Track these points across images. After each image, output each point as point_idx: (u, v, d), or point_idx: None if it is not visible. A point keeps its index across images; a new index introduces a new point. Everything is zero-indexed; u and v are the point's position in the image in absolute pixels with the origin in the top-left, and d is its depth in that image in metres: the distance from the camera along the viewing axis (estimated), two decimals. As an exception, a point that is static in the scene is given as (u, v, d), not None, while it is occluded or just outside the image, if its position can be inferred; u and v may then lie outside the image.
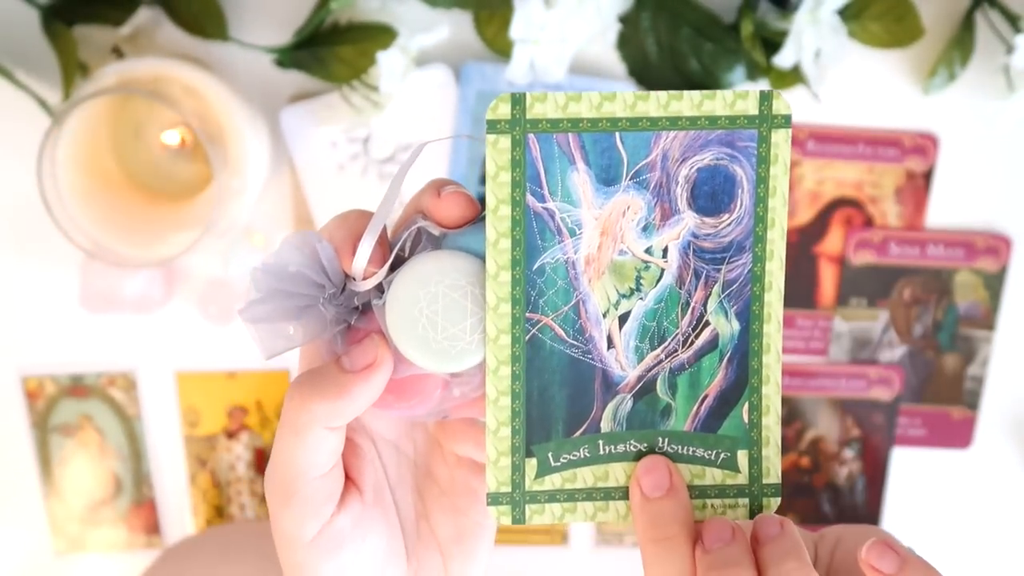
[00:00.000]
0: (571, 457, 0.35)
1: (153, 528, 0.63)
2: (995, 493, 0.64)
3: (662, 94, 0.34)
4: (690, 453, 0.36)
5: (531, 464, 0.35)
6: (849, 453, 0.62)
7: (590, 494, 0.36)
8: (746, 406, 0.36)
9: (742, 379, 0.36)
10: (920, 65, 0.57)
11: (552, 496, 0.35)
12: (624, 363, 0.35)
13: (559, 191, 0.34)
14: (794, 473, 0.62)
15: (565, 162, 0.34)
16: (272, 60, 0.54)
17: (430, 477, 0.37)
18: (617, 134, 0.34)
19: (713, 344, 0.36)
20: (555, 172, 0.34)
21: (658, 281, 0.35)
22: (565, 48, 0.52)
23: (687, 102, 0.34)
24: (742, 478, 0.36)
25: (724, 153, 0.35)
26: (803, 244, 0.59)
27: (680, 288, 0.35)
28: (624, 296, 0.35)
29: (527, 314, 0.34)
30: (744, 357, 0.36)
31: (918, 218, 0.59)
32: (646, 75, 0.56)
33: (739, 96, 0.34)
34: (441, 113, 0.56)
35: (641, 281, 0.35)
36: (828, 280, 0.60)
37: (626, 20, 0.54)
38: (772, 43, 0.54)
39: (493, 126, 0.33)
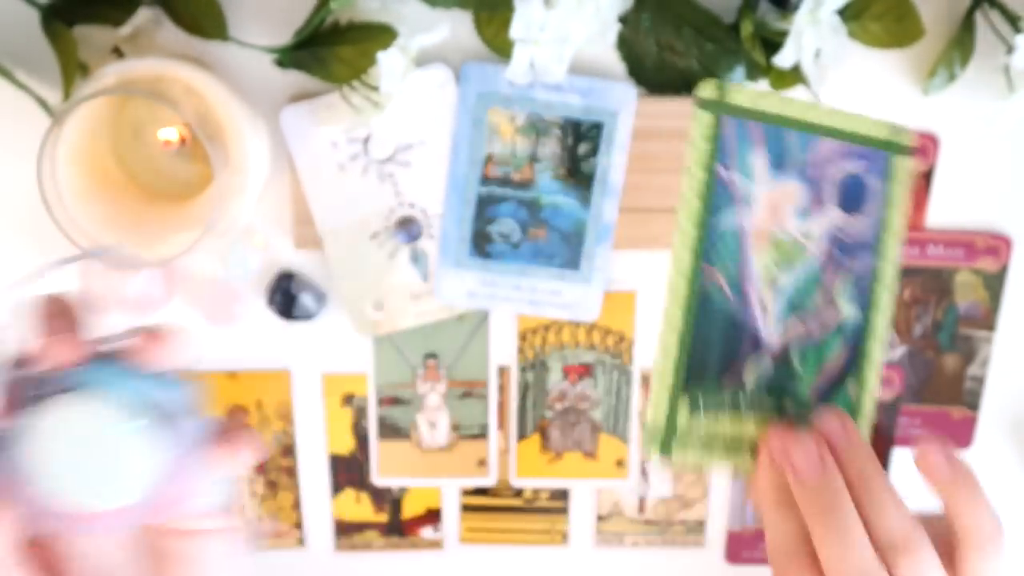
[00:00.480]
0: (717, 402, 0.40)
1: (153, 528, 0.63)
2: (995, 493, 0.64)
3: (826, 106, 0.40)
4: (807, 418, 0.40)
5: (684, 402, 0.39)
6: (849, 453, 0.62)
7: (725, 442, 0.40)
8: (853, 382, 0.42)
9: (853, 359, 0.41)
10: (920, 65, 0.57)
11: (695, 439, 0.39)
12: (772, 329, 0.40)
13: (742, 167, 0.39)
14: (794, 473, 0.62)
15: (748, 144, 0.39)
16: (272, 60, 0.54)
17: (152, 550, 0.36)
18: (791, 131, 0.40)
19: (838, 325, 0.41)
20: (742, 150, 0.39)
21: (807, 262, 0.40)
22: (565, 48, 0.52)
23: (842, 116, 0.41)
24: None
25: (864, 166, 0.41)
26: (803, 244, 0.59)
27: (821, 271, 0.41)
28: (779, 269, 0.40)
29: (704, 264, 0.39)
30: (858, 340, 0.41)
31: (918, 218, 0.59)
32: (646, 75, 0.56)
33: (877, 123, 0.41)
34: (441, 113, 0.56)
35: (794, 258, 0.40)
36: (828, 280, 0.60)
37: (626, 20, 0.54)
38: (772, 43, 0.54)
39: (701, 103, 0.39)
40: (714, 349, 0.39)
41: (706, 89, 0.39)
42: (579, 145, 0.57)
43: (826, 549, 0.37)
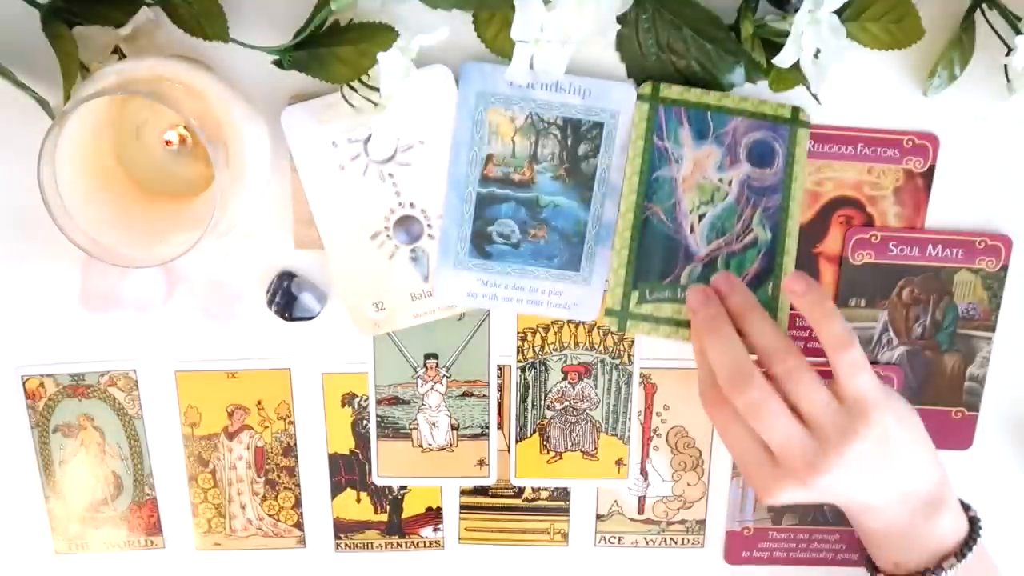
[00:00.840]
0: (660, 295, 0.56)
1: (153, 528, 0.63)
2: (995, 493, 0.64)
3: (736, 95, 0.56)
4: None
5: (635, 295, 0.56)
6: (849, 453, 0.62)
7: (668, 321, 0.57)
8: (771, 284, 0.57)
9: (769, 268, 0.57)
10: (920, 65, 0.57)
11: (644, 318, 0.57)
12: (699, 244, 0.56)
13: (672, 138, 0.56)
14: (794, 473, 0.62)
15: (676, 122, 0.56)
16: (272, 60, 0.54)
17: None
18: (708, 112, 0.56)
19: (754, 243, 0.57)
20: (671, 127, 0.56)
21: (724, 199, 0.56)
22: (565, 48, 0.52)
23: (750, 102, 0.56)
24: None
25: (770, 135, 0.56)
26: (802, 244, 0.59)
27: (737, 206, 0.56)
28: (704, 203, 0.56)
29: (645, 202, 0.56)
30: (772, 255, 0.57)
31: (917, 218, 0.59)
32: (646, 75, 0.56)
33: (781, 106, 0.56)
34: (441, 113, 0.56)
35: (714, 196, 0.56)
36: (827, 280, 0.60)
37: (626, 20, 0.54)
38: (772, 43, 0.54)
39: (640, 97, 0.56)
40: (656, 258, 0.56)
41: (644, 88, 0.56)
42: (579, 145, 0.57)
43: (712, 354, 0.51)
